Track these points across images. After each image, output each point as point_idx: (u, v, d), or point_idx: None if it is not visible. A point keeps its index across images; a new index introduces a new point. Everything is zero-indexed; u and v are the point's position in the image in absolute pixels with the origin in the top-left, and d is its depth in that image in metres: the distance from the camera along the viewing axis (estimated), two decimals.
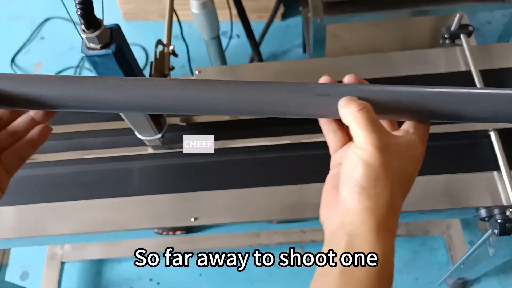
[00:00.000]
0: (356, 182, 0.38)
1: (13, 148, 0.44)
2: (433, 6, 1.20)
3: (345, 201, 0.39)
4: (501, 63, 0.90)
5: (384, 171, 0.38)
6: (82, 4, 0.58)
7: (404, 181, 0.40)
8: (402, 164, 0.39)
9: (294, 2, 2.07)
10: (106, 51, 0.62)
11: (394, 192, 0.38)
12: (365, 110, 0.39)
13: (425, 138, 0.43)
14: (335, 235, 0.39)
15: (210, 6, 1.09)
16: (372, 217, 0.37)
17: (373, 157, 0.37)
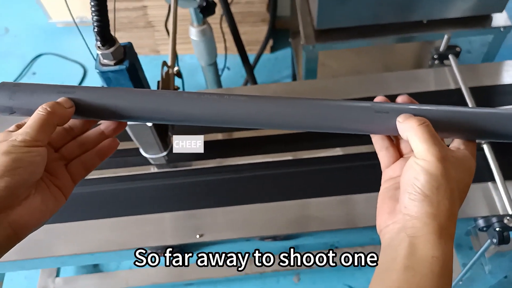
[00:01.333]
0: (419, 190, 0.40)
1: (81, 158, 0.46)
2: (418, 33, 1.27)
3: (407, 208, 0.40)
4: (488, 81, 0.95)
5: (445, 180, 0.40)
6: (99, 22, 0.61)
7: (462, 190, 0.42)
8: (459, 175, 0.42)
9: (283, 36, 2.15)
10: (119, 67, 0.65)
11: (453, 200, 0.40)
12: (425, 124, 0.42)
13: (475, 154, 0.46)
14: (396, 239, 0.41)
15: (209, 33, 1.13)
16: (434, 222, 0.39)
17: (435, 167, 0.40)
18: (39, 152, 0.39)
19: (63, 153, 0.45)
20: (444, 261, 0.38)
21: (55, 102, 0.43)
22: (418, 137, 0.41)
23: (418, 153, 0.41)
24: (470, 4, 1.21)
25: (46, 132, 0.41)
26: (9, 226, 0.38)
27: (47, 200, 0.41)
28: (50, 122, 0.41)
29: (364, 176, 0.87)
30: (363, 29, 1.28)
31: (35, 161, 0.39)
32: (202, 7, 0.98)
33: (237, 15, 1.95)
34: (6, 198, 0.37)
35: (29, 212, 0.39)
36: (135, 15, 2.01)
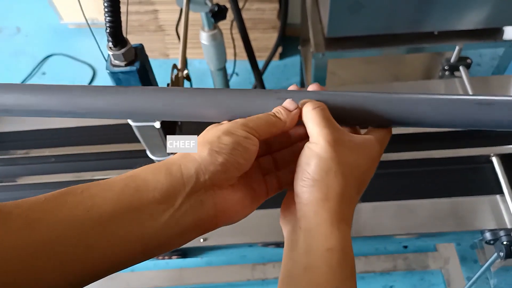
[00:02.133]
0: (308, 175, 0.38)
1: (276, 173, 0.46)
2: (429, 44, 1.27)
3: (298, 196, 0.39)
4: (498, 92, 0.95)
5: (335, 164, 0.38)
6: (112, 23, 0.61)
7: (358, 176, 0.41)
8: (356, 160, 0.40)
9: (292, 43, 2.16)
10: (130, 68, 0.65)
11: (346, 185, 0.39)
12: (320, 108, 0.41)
13: (384, 140, 0.44)
14: (293, 234, 0.40)
15: (219, 38, 1.13)
16: (323, 208, 0.37)
17: (324, 150, 0.38)
18: (254, 142, 0.39)
19: (261, 163, 0.46)
20: (342, 250, 0.36)
21: (282, 107, 0.43)
22: (312, 121, 0.40)
23: (311, 137, 0.40)
24: (482, 16, 1.21)
25: (267, 130, 0.41)
26: (214, 206, 0.38)
27: (246, 197, 0.41)
28: (275, 125, 0.42)
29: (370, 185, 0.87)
30: (373, 38, 1.28)
31: (250, 149, 0.39)
32: (213, 12, 0.99)
33: (248, 22, 1.96)
34: (219, 175, 0.37)
35: (233, 199, 0.40)
36: (146, 18, 2.02)
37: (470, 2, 1.17)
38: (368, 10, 1.19)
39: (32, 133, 0.95)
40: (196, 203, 0.37)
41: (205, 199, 0.37)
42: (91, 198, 0.33)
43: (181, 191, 0.36)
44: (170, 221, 0.35)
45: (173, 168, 0.37)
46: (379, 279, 1.52)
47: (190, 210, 0.36)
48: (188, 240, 0.38)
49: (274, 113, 0.42)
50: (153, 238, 0.35)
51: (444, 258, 1.50)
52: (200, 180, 0.37)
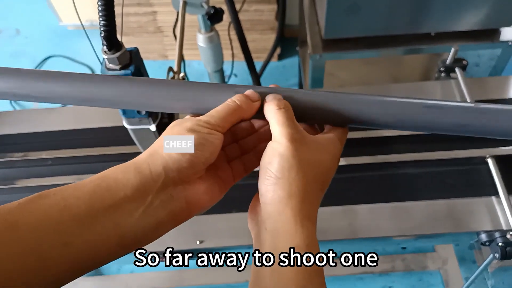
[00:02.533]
0: (271, 173, 0.39)
1: (241, 159, 0.48)
2: (426, 45, 1.27)
3: (262, 195, 0.40)
4: (494, 94, 0.95)
5: (297, 162, 0.39)
6: (107, 26, 0.61)
7: (321, 174, 0.42)
8: (318, 158, 0.41)
9: (291, 44, 2.16)
10: (125, 72, 0.65)
11: (308, 182, 0.40)
12: (285, 109, 0.42)
13: (343, 138, 0.45)
14: (260, 236, 0.40)
15: (216, 40, 1.14)
16: (287, 207, 0.38)
17: (285, 147, 0.39)
18: (218, 136, 0.41)
19: (226, 152, 0.48)
20: (306, 245, 0.37)
21: (243, 95, 0.45)
22: (275, 120, 0.41)
23: (274, 137, 0.41)
24: (478, 18, 1.21)
25: (229, 120, 0.43)
26: (184, 199, 0.40)
27: (214, 186, 0.43)
28: (236, 113, 0.44)
29: (367, 186, 0.87)
30: (370, 40, 1.28)
31: (215, 143, 0.41)
32: (210, 14, 0.99)
33: (246, 23, 1.97)
34: (187, 169, 0.39)
35: (202, 190, 0.42)
36: (144, 20, 2.02)
37: (466, 3, 1.17)
38: (365, 11, 1.19)
39: (29, 136, 0.95)
40: (167, 198, 0.39)
41: (175, 194, 0.39)
42: (64, 200, 0.35)
43: (151, 188, 0.38)
44: (144, 217, 0.38)
45: (142, 166, 0.38)
46: (378, 280, 1.53)
47: (162, 205, 0.38)
48: (164, 232, 0.40)
49: (234, 100, 0.44)
50: (129, 233, 0.37)
51: (443, 258, 1.50)
52: (169, 177, 0.39)
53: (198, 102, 0.47)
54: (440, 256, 1.51)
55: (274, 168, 0.39)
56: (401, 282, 1.52)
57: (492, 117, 0.43)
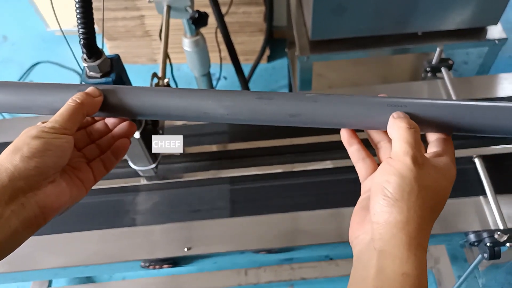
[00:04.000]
0: (389, 193, 0.38)
1: (101, 158, 0.50)
2: (414, 45, 1.27)
3: (376, 215, 0.38)
4: (480, 93, 0.95)
5: (418, 186, 0.38)
6: (86, 34, 0.60)
7: (437, 201, 0.40)
8: (437, 184, 0.40)
9: (280, 45, 2.16)
10: (106, 79, 0.64)
11: (426, 209, 0.38)
12: (414, 130, 0.41)
13: (454, 159, 0.44)
14: (365, 253, 0.39)
15: (202, 44, 1.13)
16: (402, 232, 0.36)
17: (409, 169, 0.38)
18: (66, 139, 0.42)
19: (85, 153, 0.49)
20: (416, 277, 0.36)
21: (84, 92, 0.47)
22: (402, 138, 0.40)
23: (394, 153, 0.40)
24: (465, 16, 1.21)
25: (74, 121, 0.44)
26: (36, 205, 0.40)
27: (71, 188, 0.44)
28: (78, 111, 0.45)
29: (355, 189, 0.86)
30: (358, 40, 1.28)
31: (63, 146, 0.42)
32: (194, 18, 0.98)
33: (234, 25, 1.96)
34: (35, 177, 0.40)
35: (55, 194, 0.42)
36: (132, 24, 2.01)
37: (452, 2, 1.17)
38: (351, 12, 1.19)
39: None
40: (18, 207, 0.39)
41: (26, 202, 0.40)
42: None
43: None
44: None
45: None
46: None
47: (14, 215, 0.39)
48: (22, 241, 0.40)
49: (74, 99, 0.46)
50: None
51: (435, 257, 1.50)
52: (16, 186, 0.39)
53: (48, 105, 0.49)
54: (432, 255, 1.51)
55: (392, 188, 0.38)
56: None
57: None
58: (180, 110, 0.49)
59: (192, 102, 0.48)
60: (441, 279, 1.46)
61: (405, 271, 0.35)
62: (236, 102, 0.47)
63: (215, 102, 0.48)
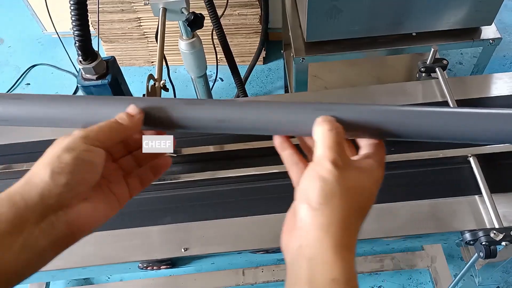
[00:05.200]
0: (312, 198, 0.38)
1: (137, 172, 0.47)
2: (408, 45, 1.28)
3: (302, 220, 0.38)
4: (474, 93, 0.96)
5: (340, 188, 0.38)
6: (81, 37, 0.61)
7: (362, 203, 0.40)
8: (360, 184, 0.40)
9: (276, 47, 2.16)
10: (102, 81, 0.65)
11: (350, 211, 0.38)
12: (335, 132, 0.40)
13: (383, 162, 0.44)
14: (296, 261, 0.38)
15: (198, 45, 1.13)
16: (327, 235, 0.36)
17: (329, 173, 0.38)
18: (98, 153, 0.40)
19: (121, 164, 0.46)
20: (346, 280, 0.35)
21: (124, 113, 0.44)
22: (323, 142, 0.40)
23: (316, 157, 0.39)
24: (459, 17, 1.22)
25: (108, 136, 0.41)
26: (66, 224, 0.38)
27: (105, 204, 0.42)
28: (118, 130, 0.42)
29: None
30: (353, 41, 1.29)
31: (95, 161, 0.39)
32: (190, 20, 0.99)
33: (231, 27, 1.97)
34: (65, 194, 0.37)
35: (86, 214, 0.39)
36: (129, 26, 2.02)
37: (446, 3, 1.18)
38: (346, 14, 1.19)
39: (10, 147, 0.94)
40: (47, 226, 0.37)
41: (55, 221, 0.37)
42: None
43: (28, 219, 0.36)
44: (24, 249, 0.36)
45: (15, 198, 0.36)
46: (368, 280, 1.53)
47: (43, 235, 0.36)
48: (49, 260, 0.38)
49: (116, 120, 0.42)
50: (9, 266, 0.35)
51: (431, 257, 1.51)
52: (47, 204, 0.37)
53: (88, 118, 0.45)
54: (429, 254, 1.52)
55: (316, 193, 0.38)
56: (390, 281, 1.53)
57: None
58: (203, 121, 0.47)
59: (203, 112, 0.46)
60: (437, 278, 1.46)
61: (334, 277, 0.35)
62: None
63: None
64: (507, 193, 0.83)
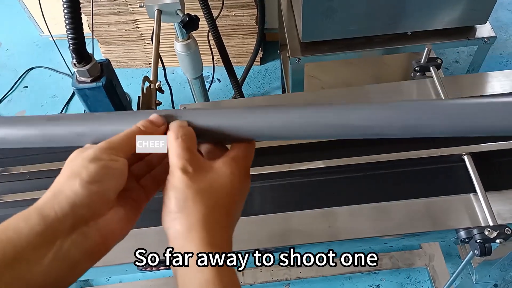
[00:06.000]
0: (169, 209, 0.38)
1: (151, 174, 0.46)
2: (404, 44, 1.28)
3: (166, 232, 0.39)
4: (468, 91, 0.96)
5: (192, 192, 0.38)
6: (74, 40, 0.61)
7: (223, 198, 0.40)
8: (215, 183, 0.40)
9: (272, 47, 2.17)
10: (96, 84, 0.65)
11: (209, 210, 0.38)
12: (182, 139, 0.40)
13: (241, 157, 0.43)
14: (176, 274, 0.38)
15: (194, 47, 1.14)
16: (188, 240, 0.37)
17: (179, 180, 0.38)
18: (122, 163, 0.40)
19: (133, 171, 0.46)
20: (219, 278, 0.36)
21: (147, 120, 0.43)
22: (171, 151, 0.40)
23: (169, 169, 0.40)
24: (453, 16, 1.23)
25: (131, 144, 0.41)
26: (98, 233, 0.38)
27: (128, 210, 0.42)
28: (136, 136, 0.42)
29: (347, 187, 0.87)
30: (348, 41, 1.29)
31: (121, 169, 0.39)
32: (185, 22, 0.99)
33: (227, 28, 1.97)
34: (96, 203, 0.37)
35: (115, 220, 0.40)
36: (126, 28, 2.02)
37: (441, 2, 1.19)
38: (342, 14, 1.20)
39: (6, 151, 0.95)
40: (79, 237, 0.36)
41: (87, 231, 0.37)
42: None
43: (59, 231, 0.36)
44: (55, 262, 0.35)
45: (46, 210, 0.36)
46: (366, 279, 1.53)
47: (75, 246, 0.36)
48: (83, 272, 0.38)
49: (139, 127, 0.42)
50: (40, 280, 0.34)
51: (429, 255, 1.51)
52: (78, 214, 0.37)
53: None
54: (427, 253, 1.52)
55: (171, 203, 0.38)
56: (389, 280, 1.53)
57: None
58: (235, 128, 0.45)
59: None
60: (435, 276, 1.47)
61: (204, 279, 0.36)
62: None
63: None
64: (502, 190, 0.83)
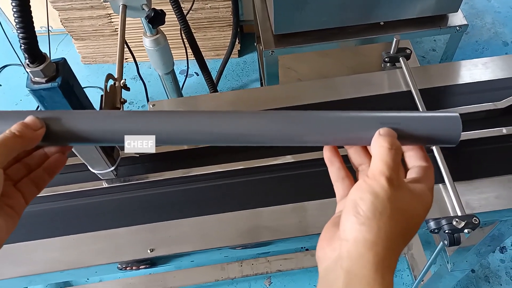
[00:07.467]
0: (361, 211, 0.37)
1: (30, 177, 0.45)
2: (377, 35, 1.28)
3: (345, 232, 0.38)
4: (438, 82, 0.96)
5: (391, 207, 0.37)
6: (26, 39, 0.59)
7: (409, 226, 0.39)
8: (411, 208, 0.39)
9: (251, 39, 2.15)
10: (51, 84, 0.63)
11: (396, 232, 0.37)
12: (394, 151, 0.40)
13: (433, 188, 0.43)
14: (331, 271, 0.38)
15: (163, 42, 1.12)
16: (370, 252, 0.36)
17: (383, 189, 0.37)
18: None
19: (9, 174, 0.43)
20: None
21: (22, 123, 0.41)
22: (380, 158, 0.39)
23: (371, 172, 0.39)
24: (425, 5, 1.22)
25: (7, 153, 0.39)
26: None
27: (4, 219, 0.40)
28: (14, 145, 0.40)
29: (315, 182, 0.87)
30: (321, 32, 1.28)
31: None
32: (150, 17, 0.97)
33: (203, 20, 1.95)
34: None
35: None
36: (100, 23, 1.99)
37: None
38: (313, 5, 1.19)
39: None
40: None
41: None
42: None
43: None
44: None
45: None
46: None
47: None
48: None
49: (14, 132, 0.40)
50: None
51: (408, 244, 1.52)
52: None
53: None
54: None
55: (365, 206, 0.37)
56: None
57: None
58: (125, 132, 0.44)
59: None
60: (414, 265, 1.48)
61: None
62: None
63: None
64: (470, 180, 0.84)
